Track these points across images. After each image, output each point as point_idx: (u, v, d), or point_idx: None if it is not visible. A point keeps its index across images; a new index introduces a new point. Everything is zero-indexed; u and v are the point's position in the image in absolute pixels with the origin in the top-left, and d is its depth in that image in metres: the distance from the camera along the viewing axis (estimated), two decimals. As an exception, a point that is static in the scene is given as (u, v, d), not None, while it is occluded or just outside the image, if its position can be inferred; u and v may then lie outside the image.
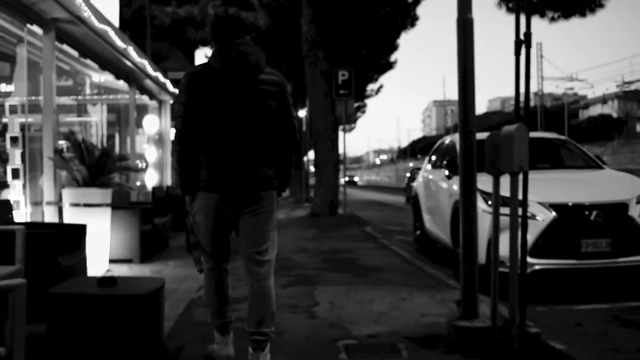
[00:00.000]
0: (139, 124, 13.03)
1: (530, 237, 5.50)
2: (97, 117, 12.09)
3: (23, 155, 6.56)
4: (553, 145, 7.52)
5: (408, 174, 26.46)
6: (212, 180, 3.20)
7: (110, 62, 9.25)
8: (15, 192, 6.44)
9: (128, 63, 9.47)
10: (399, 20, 21.11)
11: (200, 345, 3.71)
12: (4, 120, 6.79)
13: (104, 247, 6.37)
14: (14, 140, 6.51)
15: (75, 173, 6.47)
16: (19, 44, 6.96)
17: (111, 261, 6.61)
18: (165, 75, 12.62)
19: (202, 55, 39.35)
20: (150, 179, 13.40)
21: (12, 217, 5.09)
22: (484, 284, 3.98)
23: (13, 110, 6.72)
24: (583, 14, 12.83)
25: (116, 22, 10.10)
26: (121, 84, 10.95)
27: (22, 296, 2.11)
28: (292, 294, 5.44)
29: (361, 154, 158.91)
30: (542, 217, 5.55)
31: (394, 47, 25.68)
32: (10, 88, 7.53)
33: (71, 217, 6.27)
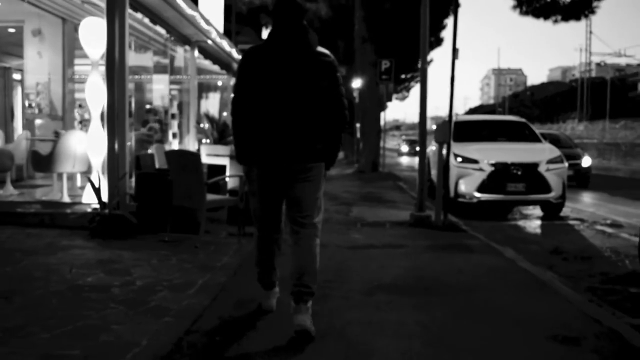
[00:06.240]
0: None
1: (479, 181, 9.39)
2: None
3: (179, 124, 10.85)
4: (514, 125, 11.25)
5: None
6: (263, 151, 3.35)
7: (220, 59, 13.44)
8: (174, 147, 10.73)
9: (230, 59, 13.64)
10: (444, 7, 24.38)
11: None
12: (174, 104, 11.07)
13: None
14: (173, 115, 10.81)
15: (210, 136, 10.69)
16: (177, 55, 11.25)
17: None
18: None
19: (267, 33, 44.03)
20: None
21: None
22: (457, 208, 7.87)
23: (173, 96, 10.97)
24: (578, 18, 16.01)
25: (220, 26, 14.23)
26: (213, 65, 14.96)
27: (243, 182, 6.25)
28: (338, 209, 9.56)
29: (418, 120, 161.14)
30: (486, 169, 9.39)
31: (441, 27, 28.76)
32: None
33: (207, 162, 10.51)
